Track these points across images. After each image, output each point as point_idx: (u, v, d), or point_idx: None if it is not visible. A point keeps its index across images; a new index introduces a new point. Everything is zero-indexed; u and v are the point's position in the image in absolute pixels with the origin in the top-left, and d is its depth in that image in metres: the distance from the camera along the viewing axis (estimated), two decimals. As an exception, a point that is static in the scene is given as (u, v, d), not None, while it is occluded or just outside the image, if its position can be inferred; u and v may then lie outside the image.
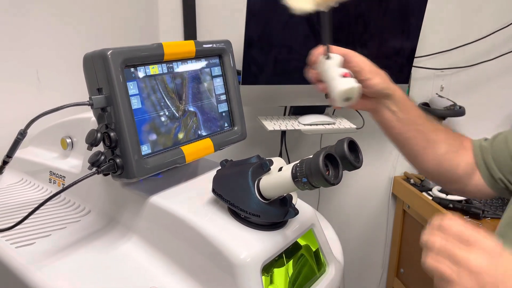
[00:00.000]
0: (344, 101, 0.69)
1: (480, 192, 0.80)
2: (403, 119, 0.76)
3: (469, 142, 0.82)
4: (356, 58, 0.73)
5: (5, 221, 0.76)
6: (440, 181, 0.85)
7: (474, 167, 0.79)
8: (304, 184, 0.59)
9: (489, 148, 0.78)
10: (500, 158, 0.76)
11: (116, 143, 0.65)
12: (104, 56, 0.63)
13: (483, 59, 1.68)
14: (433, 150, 0.78)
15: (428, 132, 0.77)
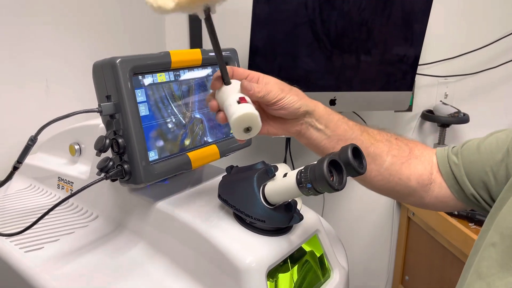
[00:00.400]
0: (244, 132, 0.60)
1: (443, 204, 0.73)
2: (332, 136, 0.68)
3: (420, 149, 0.74)
4: (264, 79, 0.65)
5: (14, 226, 0.77)
6: (393, 196, 0.77)
7: (431, 178, 0.72)
8: (309, 190, 0.59)
9: (460, 160, 0.70)
10: (472, 171, 0.68)
11: (124, 149, 0.67)
12: (113, 64, 0.64)
13: (487, 66, 1.69)
14: (377, 165, 0.70)
15: (366, 146, 0.70)
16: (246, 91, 0.61)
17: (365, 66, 1.36)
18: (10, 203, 0.87)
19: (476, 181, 0.68)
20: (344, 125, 0.69)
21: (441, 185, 0.72)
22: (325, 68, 1.31)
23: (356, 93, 1.38)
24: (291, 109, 0.65)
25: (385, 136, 0.73)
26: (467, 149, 0.70)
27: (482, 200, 0.68)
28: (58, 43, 1.04)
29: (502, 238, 0.54)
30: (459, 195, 0.70)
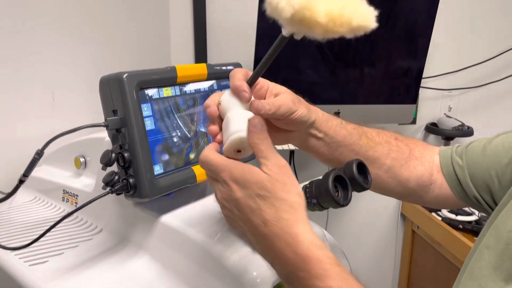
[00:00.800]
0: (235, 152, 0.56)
1: (443, 202, 0.73)
2: (331, 143, 0.67)
3: (423, 149, 0.73)
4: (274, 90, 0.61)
5: (19, 239, 0.77)
6: (392, 196, 0.76)
7: (431, 178, 0.71)
8: (314, 206, 0.59)
9: (464, 162, 0.69)
10: (476, 173, 0.67)
11: (130, 163, 0.67)
12: (120, 79, 0.65)
13: (490, 80, 1.69)
14: (376, 168, 0.70)
15: (365, 150, 0.69)
16: (256, 112, 0.56)
17: (369, 79, 1.37)
18: (15, 216, 0.87)
19: (480, 183, 0.67)
20: (342, 131, 0.68)
21: (442, 186, 0.71)
22: (329, 81, 1.32)
23: (360, 106, 1.39)
24: (299, 122, 0.63)
25: (385, 137, 0.72)
26: (471, 150, 0.69)
27: (485, 202, 0.67)
28: (64, 55, 1.05)
29: (497, 241, 0.53)
30: (461, 196, 0.70)
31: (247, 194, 0.51)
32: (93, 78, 1.08)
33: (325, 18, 0.44)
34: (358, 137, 0.69)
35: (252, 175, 0.51)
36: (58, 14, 1.02)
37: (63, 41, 1.04)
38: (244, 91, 0.54)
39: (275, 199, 0.50)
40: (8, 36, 0.92)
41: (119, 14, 1.19)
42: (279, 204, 0.50)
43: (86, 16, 1.10)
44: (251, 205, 0.50)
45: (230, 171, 0.51)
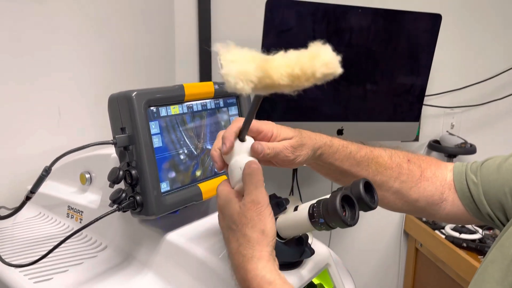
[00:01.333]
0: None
1: (455, 219, 0.74)
2: (336, 171, 0.69)
3: (436, 169, 0.73)
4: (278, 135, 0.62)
5: (23, 256, 0.77)
6: (402, 212, 0.79)
7: (442, 197, 0.72)
8: (321, 225, 0.59)
9: (479, 179, 0.70)
10: (491, 190, 0.68)
11: (137, 181, 0.67)
12: (128, 97, 0.66)
13: (492, 98, 1.70)
14: (384, 190, 0.71)
15: (373, 175, 0.70)
16: (256, 155, 0.59)
17: (372, 97, 1.37)
18: (19, 232, 0.87)
19: (494, 201, 0.67)
20: (350, 161, 0.69)
21: (453, 203, 0.72)
22: (332, 98, 1.33)
23: (363, 123, 1.39)
24: (301, 163, 0.65)
25: (397, 159, 0.72)
26: (486, 168, 0.69)
27: (497, 219, 0.67)
28: (71, 71, 1.06)
29: (502, 257, 0.54)
30: (474, 213, 0.70)
31: (225, 224, 0.58)
32: (98, 94, 1.10)
33: (288, 80, 0.46)
34: (367, 164, 0.70)
35: (229, 209, 0.57)
36: (66, 32, 1.04)
37: (69, 58, 1.05)
38: (224, 145, 0.59)
39: (240, 233, 0.55)
40: (15, 53, 0.93)
41: (125, 32, 1.21)
42: (241, 239, 0.55)
43: (92, 33, 1.11)
44: (224, 233, 0.58)
45: (219, 201, 0.59)
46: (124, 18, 1.20)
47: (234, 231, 0.56)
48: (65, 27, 1.03)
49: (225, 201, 0.58)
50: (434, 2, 1.55)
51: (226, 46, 0.48)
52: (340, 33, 1.27)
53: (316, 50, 0.47)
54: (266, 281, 0.52)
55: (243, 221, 0.55)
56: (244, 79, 0.45)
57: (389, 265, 1.85)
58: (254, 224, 0.55)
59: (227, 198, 0.58)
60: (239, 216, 0.56)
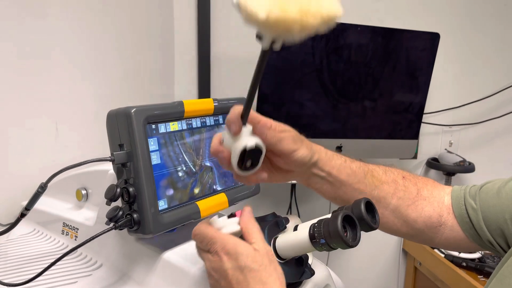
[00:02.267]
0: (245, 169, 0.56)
1: (455, 245, 0.71)
2: (334, 182, 0.66)
3: (433, 189, 0.71)
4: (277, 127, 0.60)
5: (16, 274, 0.75)
6: (400, 236, 0.74)
7: (440, 220, 0.70)
8: (322, 246, 0.58)
9: (478, 204, 0.67)
10: (491, 216, 0.65)
11: (135, 198, 0.66)
12: (127, 114, 0.65)
13: (490, 116, 1.71)
14: (380, 208, 0.68)
15: (370, 190, 0.68)
16: (265, 129, 0.57)
17: (371, 115, 1.37)
18: (13, 249, 0.85)
19: (494, 227, 0.65)
20: (346, 170, 0.67)
21: (453, 228, 0.69)
22: (331, 115, 1.33)
23: (362, 140, 1.39)
24: (300, 162, 0.62)
25: (392, 175, 0.71)
26: (485, 192, 0.67)
27: (498, 246, 0.65)
28: (68, 87, 1.06)
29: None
30: (474, 239, 0.68)
31: (236, 266, 0.53)
32: (97, 110, 1.09)
33: (298, 13, 0.44)
34: (363, 175, 0.68)
35: (244, 249, 0.54)
36: (64, 47, 1.03)
37: (67, 74, 1.05)
38: (234, 123, 0.55)
39: (264, 272, 0.53)
40: (13, 68, 0.93)
41: (123, 47, 1.21)
42: (266, 277, 0.52)
43: (91, 49, 1.11)
44: (238, 276, 0.53)
45: (222, 243, 0.55)
46: (123, 34, 1.20)
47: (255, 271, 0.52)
48: (64, 42, 1.03)
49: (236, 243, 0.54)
50: (433, 21, 1.57)
51: None
52: (339, 51, 1.28)
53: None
54: None
55: (265, 262, 0.53)
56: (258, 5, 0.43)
57: (388, 284, 1.83)
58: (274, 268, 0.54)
59: (236, 241, 0.55)
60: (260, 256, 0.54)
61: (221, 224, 0.58)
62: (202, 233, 0.57)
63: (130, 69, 1.24)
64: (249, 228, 0.57)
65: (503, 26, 1.68)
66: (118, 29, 1.18)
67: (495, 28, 1.67)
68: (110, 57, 1.17)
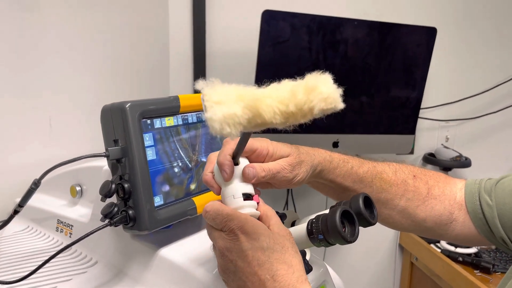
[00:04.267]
0: None
1: (466, 240, 0.70)
2: (338, 188, 0.66)
3: (444, 186, 0.70)
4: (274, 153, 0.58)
5: (10, 272, 0.74)
6: (412, 232, 0.75)
7: (451, 217, 0.69)
8: (320, 241, 0.58)
9: (493, 201, 0.66)
10: (506, 213, 0.65)
11: (130, 195, 0.65)
12: (122, 108, 0.64)
13: (487, 111, 1.71)
14: (389, 209, 0.68)
15: (377, 193, 0.67)
16: (247, 180, 0.54)
17: (368, 110, 1.37)
18: (6, 247, 0.84)
19: (509, 224, 0.64)
20: (352, 177, 0.65)
21: (464, 224, 0.69)
22: (328, 111, 1.32)
23: (359, 135, 1.39)
24: (301, 183, 0.61)
25: (402, 175, 0.69)
26: (502, 189, 0.66)
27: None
28: (62, 82, 1.04)
29: None
30: (486, 235, 0.67)
31: (257, 246, 0.49)
32: (90, 105, 1.08)
33: (281, 118, 0.41)
34: (371, 180, 0.67)
35: (265, 230, 0.50)
36: (58, 42, 1.02)
37: (61, 68, 1.04)
38: (224, 170, 0.53)
39: (287, 254, 0.49)
40: (5, 62, 0.91)
41: (119, 42, 1.20)
42: (290, 259, 0.49)
43: (85, 44, 1.09)
44: (260, 257, 0.49)
45: (240, 222, 0.50)
46: (118, 29, 1.19)
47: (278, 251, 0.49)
48: (58, 37, 1.02)
49: (254, 222, 0.51)
50: (430, 16, 1.57)
51: (210, 84, 0.43)
52: (335, 46, 1.27)
53: (313, 82, 0.42)
54: None
55: (287, 244, 0.51)
56: (232, 123, 0.40)
57: (385, 280, 1.83)
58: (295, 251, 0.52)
59: (254, 220, 0.51)
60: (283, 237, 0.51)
61: (239, 204, 0.53)
62: (217, 209, 0.52)
63: (124, 64, 1.22)
64: (269, 211, 0.54)
65: (500, 21, 1.68)
66: (113, 24, 1.17)
67: (492, 24, 1.67)
68: (105, 52, 1.15)
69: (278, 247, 0.50)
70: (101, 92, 1.14)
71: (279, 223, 0.53)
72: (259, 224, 0.51)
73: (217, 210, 0.52)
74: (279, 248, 0.50)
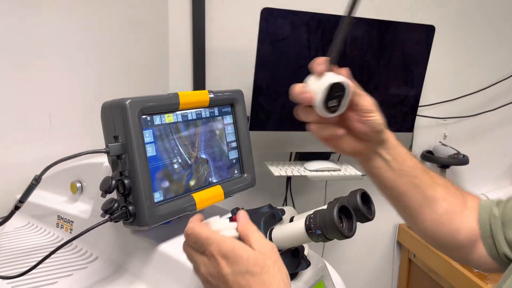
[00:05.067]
0: (328, 110, 0.59)
1: (485, 264, 0.68)
2: (396, 169, 0.65)
3: (474, 201, 0.70)
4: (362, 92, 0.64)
5: (11, 267, 0.75)
6: (440, 247, 0.72)
7: (478, 233, 0.67)
8: (318, 236, 0.58)
9: (499, 217, 0.65)
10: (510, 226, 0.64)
11: (130, 191, 0.66)
12: (122, 105, 0.64)
13: (485, 109, 1.71)
14: (431, 209, 0.67)
15: (426, 187, 0.66)
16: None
17: (366, 107, 1.37)
18: (7, 242, 0.84)
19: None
20: (410, 161, 0.66)
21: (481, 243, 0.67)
22: (327, 108, 1.33)
23: (357, 133, 1.39)
24: (374, 128, 0.63)
25: (444, 180, 0.69)
26: (509, 205, 0.66)
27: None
28: (62, 79, 1.05)
29: None
30: (491, 251, 0.66)
31: (237, 270, 0.50)
32: (91, 102, 1.08)
33: None
34: (422, 171, 0.67)
35: (244, 251, 0.50)
36: (58, 39, 1.02)
37: (61, 65, 1.04)
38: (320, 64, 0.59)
39: (267, 275, 0.49)
40: (5, 60, 0.92)
41: (118, 39, 1.20)
42: (269, 281, 0.49)
43: (85, 41, 1.10)
44: (240, 281, 0.49)
45: (219, 245, 0.51)
46: (117, 26, 1.19)
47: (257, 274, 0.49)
48: (57, 34, 1.02)
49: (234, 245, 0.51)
50: (427, 15, 1.57)
51: None
52: (334, 43, 1.27)
53: None
54: None
55: (268, 263, 0.50)
56: None
57: (382, 276, 1.84)
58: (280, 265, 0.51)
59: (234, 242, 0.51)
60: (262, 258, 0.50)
61: (219, 226, 0.55)
62: (197, 233, 0.53)
63: (124, 61, 1.23)
64: (247, 229, 0.54)
65: (497, 20, 1.68)
66: (113, 21, 1.17)
67: (490, 22, 1.68)
68: (104, 49, 1.16)
69: (258, 268, 0.49)
70: (101, 89, 1.14)
71: (260, 239, 0.53)
72: (238, 246, 0.51)
73: (197, 233, 0.53)
74: (259, 269, 0.49)
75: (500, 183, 1.86)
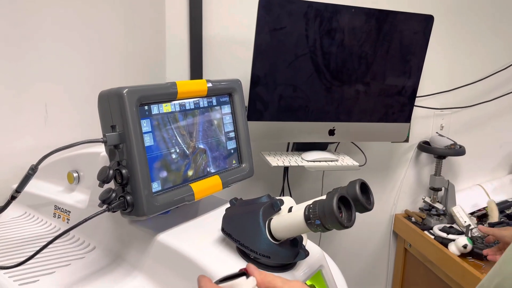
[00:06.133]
0: None
1: None
2: None
3: None
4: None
5: (8, 257, 0.74)
6: None
7: None
8: (317, 226, 0.58)
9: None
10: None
11: (128, 180, 0.65)
12: (119, 94, 0.64)
13: (481, 99, 1.71)
14: None
15: None
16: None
17: (364, 98, 1.37)
18: (4, 232, 0.84)
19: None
20: None
21: None
22: (324, 98, 1.32)
23: (354, 123, 1.39)
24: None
25: None
26: None
27: None
28: (58, 68, 1.03)
29: None
30: None
31: None
32: (88, 91, 1.07)
33: None
34: None
35: None
36: (53, 28, 1.01)
37: (57, 55, 1.03)
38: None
39: None
40: (1, 48, 0.90)
41: (114, 28, 1.18)
42: None
43: (81, 30, 1.08)
44: None
45: None
46: (114, 15, 1.18)
47: None
48: (53, 24, 1.00)
49: None
50: (426, 4, 1.56)
51: None
52: (332, 33, 1.26)
53: None
54: None
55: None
56: None
57: (378, 265, 1.85)
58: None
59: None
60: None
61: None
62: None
63: (121, 51, 1.21)
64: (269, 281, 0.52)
65: (496, 10, 1.68)
66: (109, 10, 1.15)
67: (488, 12, 1.67)
68: (101, 38, 1.14)
69: None
70: (97, 79, 1.13)
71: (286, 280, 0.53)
72: None
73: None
74: None
75: (495, 173, 1.87)
